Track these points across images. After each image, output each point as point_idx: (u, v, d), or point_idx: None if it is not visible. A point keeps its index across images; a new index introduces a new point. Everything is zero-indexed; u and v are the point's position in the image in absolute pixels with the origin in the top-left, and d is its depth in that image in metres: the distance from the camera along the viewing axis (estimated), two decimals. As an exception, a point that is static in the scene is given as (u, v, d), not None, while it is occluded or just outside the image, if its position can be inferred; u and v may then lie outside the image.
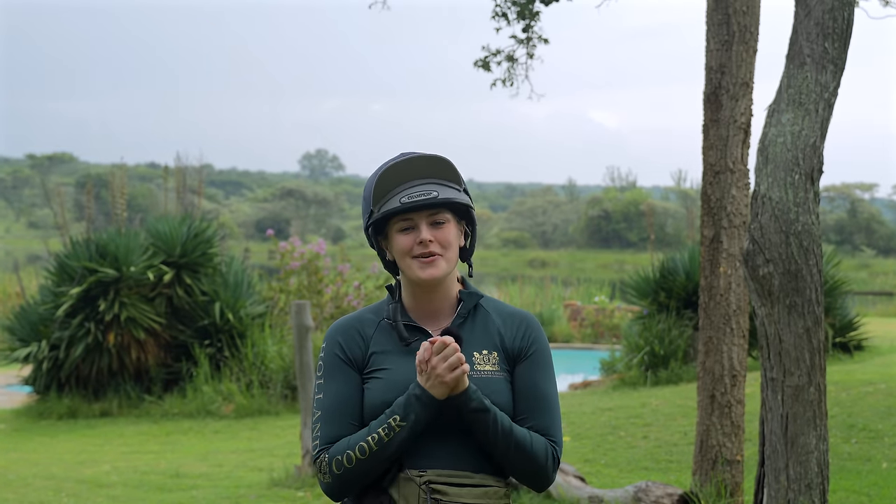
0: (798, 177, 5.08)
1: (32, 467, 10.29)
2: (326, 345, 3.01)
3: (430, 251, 2.93)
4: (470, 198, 3.01)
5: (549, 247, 67.04)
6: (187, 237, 14.37)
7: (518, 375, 2.98)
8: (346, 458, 2.87)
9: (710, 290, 7.27)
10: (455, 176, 2.96)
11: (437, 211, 2.95)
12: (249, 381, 13.59)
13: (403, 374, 2.92)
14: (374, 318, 3.03)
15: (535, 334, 3.02)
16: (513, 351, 2.99)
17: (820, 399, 5.13)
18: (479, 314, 3.02)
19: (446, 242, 2.94)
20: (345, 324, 3.03)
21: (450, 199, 2.92)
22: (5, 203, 75.47)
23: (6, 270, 25.29)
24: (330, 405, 2.95)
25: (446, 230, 2.95)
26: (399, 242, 2.95)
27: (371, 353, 2.97)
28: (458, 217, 3.01)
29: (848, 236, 59.93)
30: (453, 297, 3.02)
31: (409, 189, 2.92)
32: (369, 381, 2.96)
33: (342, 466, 2.88)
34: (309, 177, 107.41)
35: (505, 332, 2.99)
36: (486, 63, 11.11)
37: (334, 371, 2.97)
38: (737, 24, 7.14)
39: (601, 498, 7.54)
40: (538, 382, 2.99)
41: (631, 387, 13.52)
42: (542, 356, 3.01)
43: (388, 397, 2.90)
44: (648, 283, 14.85)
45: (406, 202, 2.90)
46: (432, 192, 2.91)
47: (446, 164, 2.94)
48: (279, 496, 8.57)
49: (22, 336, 14.13)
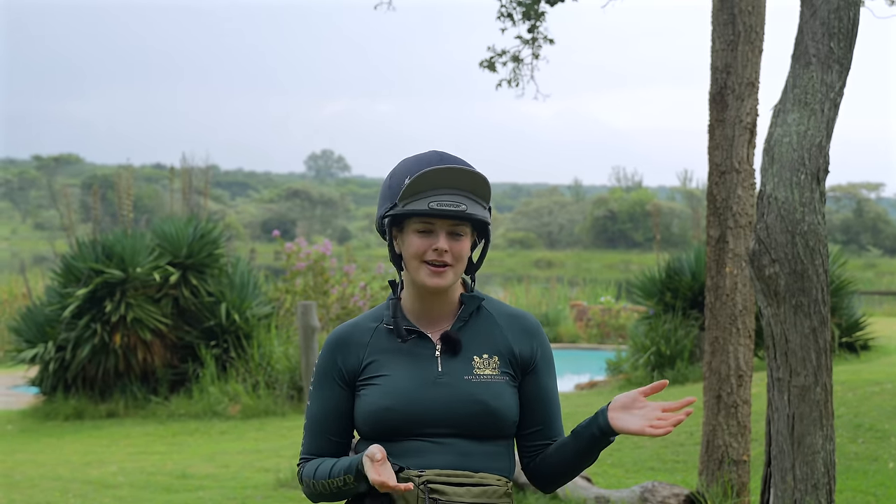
0: (804, 177, 5.07)
1: (39, 468, 10.30)
2: (322, 354, 3.04)
3: (444, 261, 2.93)
4: (490, 215, 3.01)
5: (555, 247, 67.03)
6: (193, 238, 14.38)
7: (531, 384, 3.00)
8: (312, 484, 2.97)
9: (716, 291, 7.26)
10: (486, 194, 2.95)
11: (458, 223, 2.94)
12: (256, 382, 13.60)
13: (401, 379, 2.93)
14: (372, 324, 3.02)
15: (541, 340, 3.04)
16: (521, 359, 2.99)
17: (826, 399, 5.13)
18: (482, 317, 3.02)
19: (460, 255, 2.94)
20: (341, 334, 3.03)
21: (475, 215, 2.92)
22: (12, 204, 75.60)
23: (13, 272, 25.34)
24: (313, 418, 3.02)
25: (463, 243, 2.94)
26: (414, 244, 2.94)
27: (367, 363, 2.97)
28: (475, 231, 3.01)
29: (854, 236, 59.86)
30: (455, 301, 3.02)
31: (441, 196, 2.90)
32: (366, 388, 2.96)
33: (309, 488, 2.99)
34: (315, 178, 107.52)
35: (513, 341, 3.00)
36: (492, 63, 11.11)
37: (323, 383, 3.01)
38: (742, 24, 7.13)
39: (607, 498, 7.53)
40: (552, 389, 3.04)
41: (637, 387, 13.49)
42: (550, 361, 3.06)
43: (385, 403, 2.91)
44: (654, 284, 14.85)
45: (434, 208, 2.89)
46: (461, 205, 2.90)
47: (483, 182, 2.92)
48: (286, 497, 8.58)
49: (28, 337, 14.15)
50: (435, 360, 2.95)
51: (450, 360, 2.94)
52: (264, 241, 53.53)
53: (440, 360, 2.95)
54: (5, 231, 67.46)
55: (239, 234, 50.98)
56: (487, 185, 2.94)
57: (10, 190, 77.27)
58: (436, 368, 2.93)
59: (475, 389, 2.91)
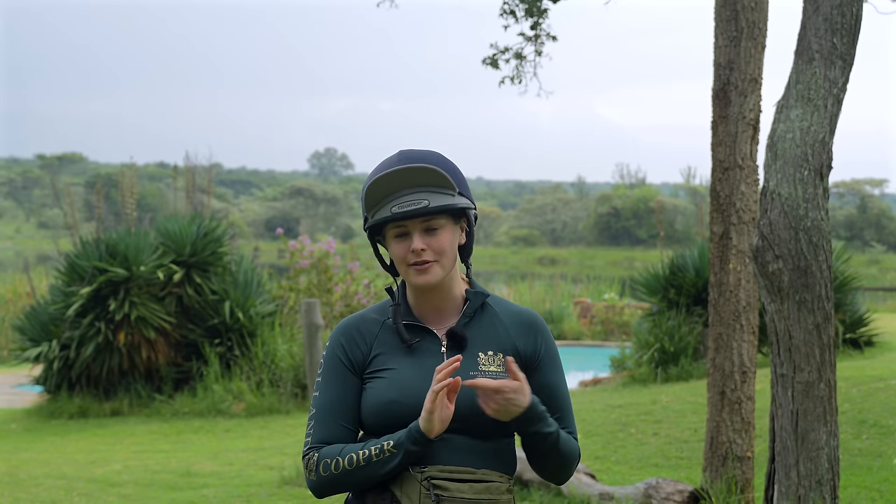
0: (807, 173, 5.07)
1: (44, 467, 10.31)
2: (329, 344, 3.04)
3: (423, 259, 2.92)
4: (469, 197, 2.98)
5: (559, 244, 67.02)
6: (197, 236, 14.39)
7: (536, 380, 2.99)
8: (335, 464, 2.89)
9: (720, 287, 7.26)
10: (447, 183, 2.92)
11: (430, 218, 2.92)
12: (260, 380, 13.61)
13: (407, 373, 2.93)
14: (378, 317, 3.03)
15: (544, 336, 3.03)
16: (525, 356, 2.99)
17: (830, 395, 5.12)
18: (486, 314, 3.02)
19: (440, 249, 2.93)
20: (349, 324, 3.04)
21: (442, 206, 2.90)
22: (15, 203, 75.65)
23: (17, 270, 25.36)
24: (324, 406, 2.97)
25: (440, 237, 2.93)
26: (394, 250, 2.95)
27: (374, 355, 2.98)
28: (456, 218, 2.99)
29: (858, 232, 59.81)
30: (458, 296, 3.02)
31: (400, 199, 2.90)
32: (372, 380, 2.96)
33: (328, 470, 2.90)
34: (318, 175, 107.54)
35: (516, 337, 3.00)
36: (495, 61, 11.11)
37: (332, 372, 2.99)
38: (745, 20, 7.13)
39: (612, 495, 7.54)
40: (557, 384, 3.02)
41: (641, 384, 13.51)
42: (555, 357, 3.05)
43: (391, 396, 2.91)
44: (658, 280, 14.84)
45: (396, 212, 2.89)
46: (423, 202, 2.89)
47: (436, 174, 2.90)
48: (290, 494, 8.58)
49: (32, 336, 14.17)
50: (441, 355, 2.96)
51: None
52: (268, 239, 53.60)
53: (446, 355, 2.96)
54: (9, 230, 67.50)
55: (242, 233, 51.01)
56: (442, 175, 2.90)
57: (14, 189, 77.32)
58: (441, 364, 2.93)
59: None
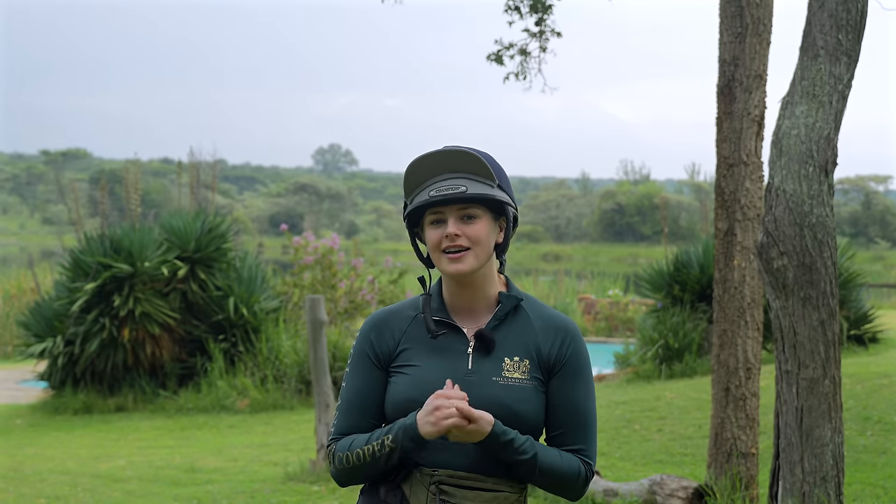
0: (812, 169, 5.07)
1: (48, 462, 10.33)
2: (359, 336, 3.02)
3: (458, 245, 2.88)
4: (510, 195, 2.94)
5: (563, 240, 66.98)
6: (201, 232, 14.41)
7: (554, 388, 2.92)
8: (346, 458, 2.90)
9: (725, 283, 7.25)
10: (487, 172, 2.89)
11: (467, 206, 2.89)
12: (264, 376, 13.62)
13: (431, 372, 2.90)
14: (410, 312, 3.00)
15: (574, 345, 2.95)
16: (548, 361, 2.92)
17: (835, 391, 5.12)
18: (519, 318, 2.96)
19: (476, 238, 2.88)
20: (380, 317, 3.01)
21: (479, 194, 2.87)
22: (20, 199, 75.71)
23: (21, 266, 25.36)
24: (348, 398, 2.97)
25: (477, 225, 2.89)
26: (429, 236, 2.92)
27: (401, 349, 2.95)
28: (496, 214, 2.94)
29: (862, 228, 59.76)
30: (492, 296, 2.97)
31: (439, 182, 2.88)
32: (396, 375, 2.94)
33: (342, 464, 2.92)
34: (322, 172, 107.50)
35: (542, 341, 2.93)
36: (499, 57, 11.10)
37: (359, 365, 2.98)
38: (750, 17, 7.12)
39: (616, 491, 7.53)
40: (575, 397, 2.93)
41: (645, 380, 13.50)
42: (580, 369, 2.95)
43: (413, 394, 2.89)
44: (662, 277, 14.83)
45: (434, 196, 2.86)
46: (461, 187, 2.86)
47: (476, 161, 2.88)
48: (294, 490, 8.59)
49: (37, 332, 14.18)
50: (466, 357, 2.92)
51: (481, 359, 2.91)
52: (272, 236, 53.59)
53: (471, 357, 2.91)
54: (13, 226, 67.57)
55: (247, 229, 50.98)
56: (483, 164, 2.88)
57: (18, 185, 77.37)
58: (465, 366, 2.90)
59: (501, 392, 2.87)
